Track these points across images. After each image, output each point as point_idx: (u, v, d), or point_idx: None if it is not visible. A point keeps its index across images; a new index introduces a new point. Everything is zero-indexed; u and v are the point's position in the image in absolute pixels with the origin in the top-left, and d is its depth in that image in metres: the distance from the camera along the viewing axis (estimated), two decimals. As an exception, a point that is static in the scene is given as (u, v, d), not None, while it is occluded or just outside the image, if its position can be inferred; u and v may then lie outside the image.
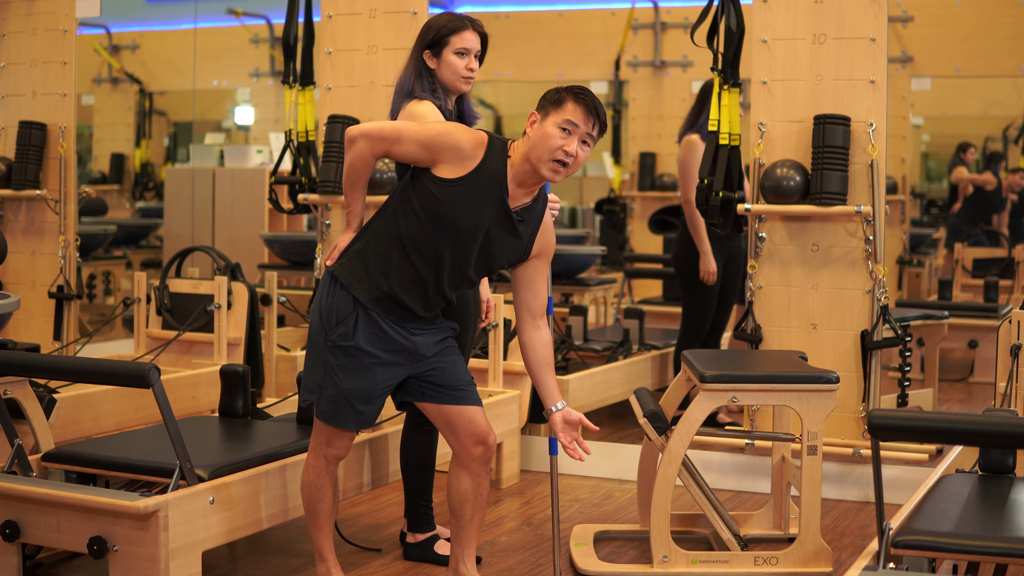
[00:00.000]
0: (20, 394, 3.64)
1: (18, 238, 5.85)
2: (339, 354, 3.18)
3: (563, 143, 3.08)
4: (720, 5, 4.66)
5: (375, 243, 3.19)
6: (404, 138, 3.14)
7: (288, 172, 5.60)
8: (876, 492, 2.71)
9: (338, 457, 3.33)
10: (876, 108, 4.53)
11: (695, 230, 5.45)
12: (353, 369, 3.19)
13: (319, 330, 3.22)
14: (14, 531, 3.22)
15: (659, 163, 9.01)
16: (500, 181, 3.14)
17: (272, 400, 4.89)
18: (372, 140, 3.17)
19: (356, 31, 5.28)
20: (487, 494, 3.35)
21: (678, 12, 8.82)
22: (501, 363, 4.77)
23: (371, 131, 3.18)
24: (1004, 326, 4.03)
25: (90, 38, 8.51)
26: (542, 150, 3.09)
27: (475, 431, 3.30)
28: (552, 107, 3.11)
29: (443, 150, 3.11)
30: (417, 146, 3.13)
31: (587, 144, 3.13)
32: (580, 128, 3.10)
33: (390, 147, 3.16)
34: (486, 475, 3.34)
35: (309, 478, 3.34)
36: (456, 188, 3.11)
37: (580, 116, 3.09)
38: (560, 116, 3.09)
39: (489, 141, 3.15)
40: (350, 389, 3.20)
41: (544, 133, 3.09)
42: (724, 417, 5.45)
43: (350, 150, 3.20)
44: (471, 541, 3.36)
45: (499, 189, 3.14)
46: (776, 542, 4.02)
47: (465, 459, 3.31)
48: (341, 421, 3.24)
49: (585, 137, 3.11)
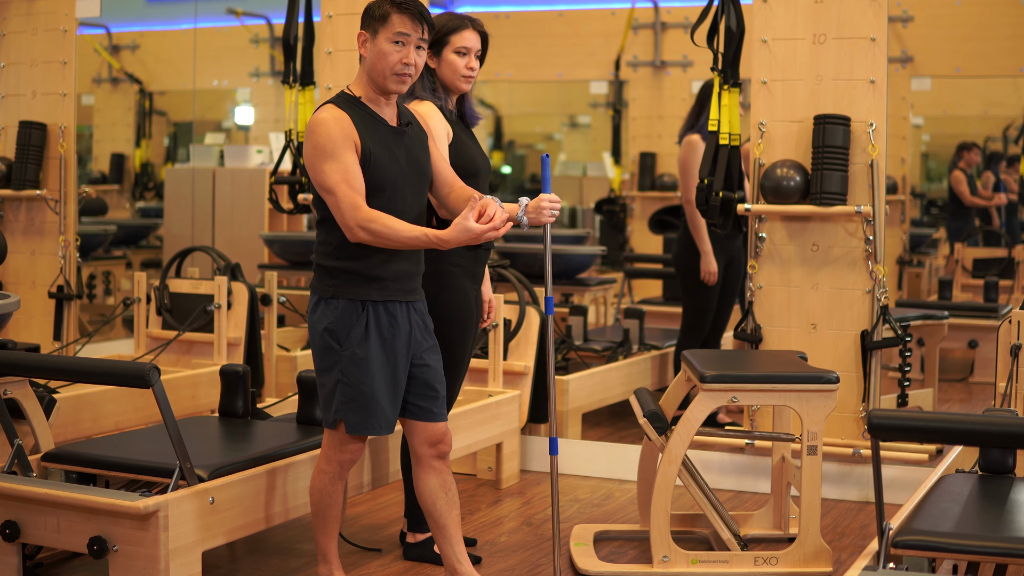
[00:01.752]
0: (20, 394, 3.64)
1: (18, 238, 5.85)
2: (359, 362, 3.18)
3: (400, 56, 3.18)
4: (720, 5, 4.66)
5: (342, 251, 3.18)
6: (342, 180, 3.10)
7: (288, 172, 5.60)
8: (876, 492, 2.71)
9: (352, 462, 3.33)
10: (876, 108, 4.53)
11: (696, 230, 5.45)
12: (376, 371, 3.19)
13: (328, 350, 3.21)
14: (14, 531, 3.22)
15: (659, 163, 9.00)
16: (371, 116, 3.21)
17: (272, 400, 4.90)
18: (359, 215, 3.10)
19: (356, 31, 5.25)
20: (455, 489, 3.36)
21: (678, 12, 8.82)
22: (501, 363, 4.77)
23: (354, 214, 3.10)
24: (1004, 326, 4.03)
25: (90, 38, 8.51)
26: (382, 67, 3.18)
27: (433, 433, 3.34)
28: (379, 24, 3.19)
29: (344, 145, 3.12)
30: (347, 166, 3.11)
31: (421, 48, 3.21)
32: (412, 36, 3.18)
33: (359, 197, 3.12)
34: (448, 470, 3.36)
35: (321, 484, 3.34)
36: (370, 155, 3.15)
37: (408, 25, 3.17)
38: (390, 31, 3.17)
39: (335, 104, 3.19)
40: (378, 392, 3.20)
41: (379, 51, 3.18)
42: (724, 417, 5.45)
43: (370, 238, 3.11)
44: (456, 538, 3.36)
45: (378, 123, 3.21)
46: (776, 542, 4.03)
47: (423, 458, 3.34)
48: (373, 428, 3.24)
49: (419, 43, 3.20)
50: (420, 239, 3.10)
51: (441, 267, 3.57)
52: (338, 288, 3.20)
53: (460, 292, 3.69)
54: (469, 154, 3.70)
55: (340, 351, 3.20)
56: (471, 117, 3.79)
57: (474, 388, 4.74)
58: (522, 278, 5.16)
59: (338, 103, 3.21)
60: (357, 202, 3.11)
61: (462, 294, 3.69)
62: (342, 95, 3.25)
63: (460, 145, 3.67)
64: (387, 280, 3.21)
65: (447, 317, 3.65)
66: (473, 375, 4.76)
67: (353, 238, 3.13)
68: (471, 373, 4.73)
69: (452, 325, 3.67)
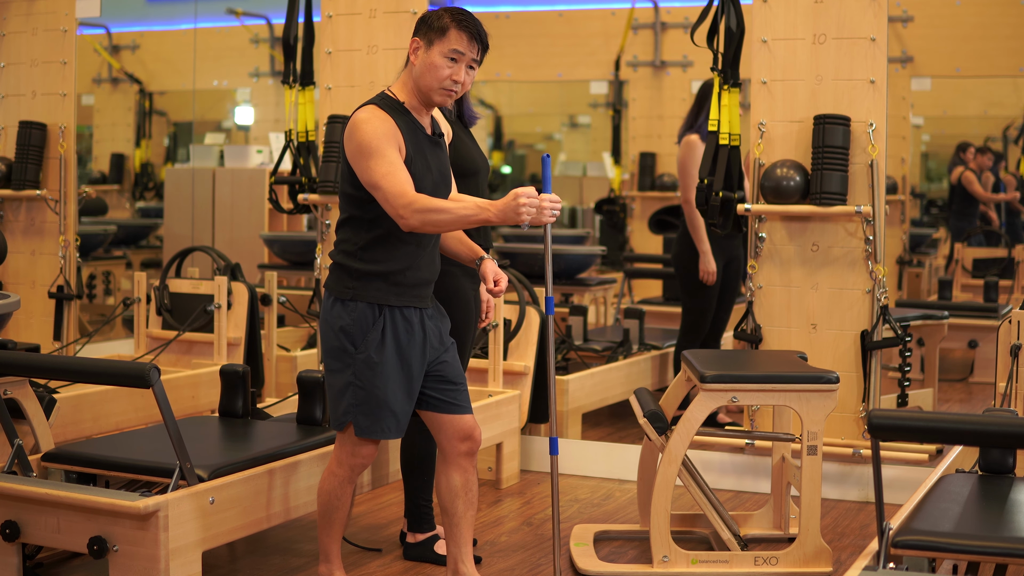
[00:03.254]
0: (20, 394, 3.64)
1: (18, 238, 5.85)
2: (374, 366, 3.17)
3: (451, 72, 3.16)
4: (720, 5, 4.66)
5: (367, 253, 3.18)
6: (388, 172, 3.08)
7: (288, 172, 5.60)
8: (876, 492, 2.71)
9: (364, 466, 3.32)
10: (876, 108, 4.53)
11: (695, 230, 5.45)
12: (389, 376, 3.18)
13: (341, 352, 3.20)
14: (14, 531, 3.22)
15: (659, 163, 9.01)
16: (414, 123, 3.21)
17: (272, 400, 4.90)
18: (407, 199, 3.06)
19: (356, 31, 5.28)
20: (476, 489, 3.35)
21: (678, 12, 8.82)
22: (501, 363, 4.77)
23: (403, 200, 3.06)
24: (1004, 326, 4.03)
25: (90, 38, 8.51)
26: (431, 80, 3.17)
27: (462, 427, 3.31)
28: (436, 35, 3.17)
29: (388, 143, 3.10)
30: (392, 160, 3.08)
31: (472, 68, 3.20)
32: (466, 55, 3.17)
33: (407, 186, 3.09)
34: (474, 470, 3.34)
35: (330, 487, 3.33)
36: (410, 159, 3.15)
37: (464, 44, 3.16)
38: (445, 46, 3.15)
39: (377, 106, 3.17)
40: (390, 397, 3.19)
41: (431, 63, 3.16)
42: (724, 417, 5.45)
43: (422, 220, 3.07)
44: (466, 539, 3.35)
45: (418, 130, 3.22)
46: (776, 542, 4.03)
47: (451, 455, 3.32)
48: (383, 432, 3.23)
49: (471, 63, 3.19)
50: (472, 210, 3.06)
51: (440, 267, 3.57)
52: (358, 290, 3.19)
53: (459, 292, 3.69)
54: (468, 154, 3.71)
55: (355, 354, 3.19)
56: (469, 117, 3.80)
57: (474, 388, 4.73)
58: (522, 278, 5.16)
59: (381, 105, 3.18)
60: (405, 189, 3.07)
61: (461, 294, 3.70)
62: (384, 97, 3.22)
63: (459, 145, 3.68)
64: (407, 286, 3.21)
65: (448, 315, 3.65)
66: (473, 375, 4.76)
67: (406, 226, 3.07)
68: (471, 373, 4.73)
69: (451, 325, 3.67)
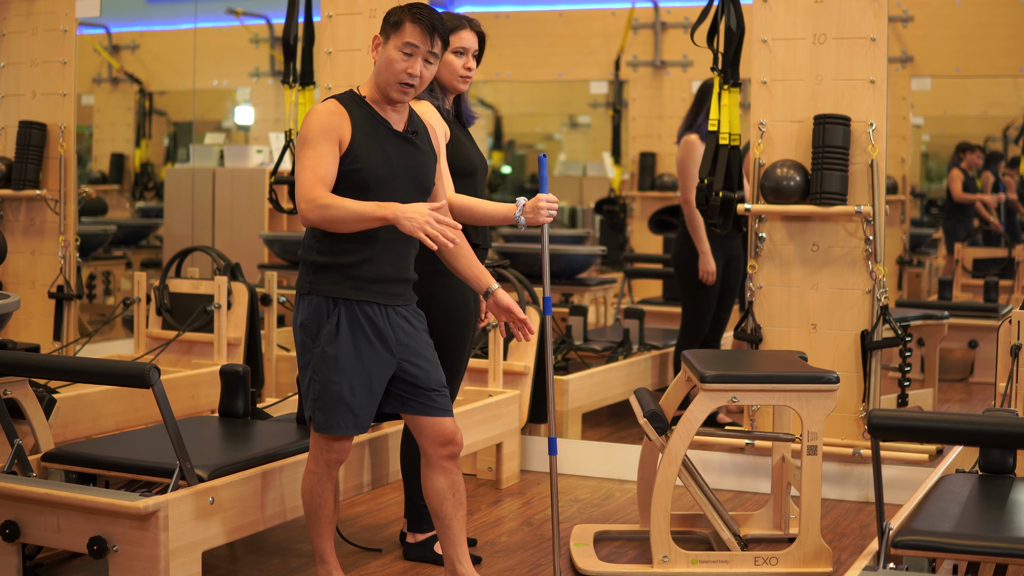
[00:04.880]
0: (20, 394, 3.64)
1: (18, 238, 5.85)
2: (328, 359, 3.17)
3: (406, 66, 3.14)
4: (720, 5, 4.66)
5: (322, 244, 3.17)
6: (309, 165, 3.08)
7: (288, 172, 5.60)
8: (876, 492, 2.71)
9: (339, 461, 3.32)
10: (876, 108, 4.53)
11: (694, 230, 5.45)
12: (344, 370, 3.17)
13: (303, 348, 3.22)
14: (14, 531, 3.22)
15: (659, 163, 9.01)
16: (371, 115, 3.18)
17: (272, 400, 4.90)
18: (311, 194, 3.06)
19: (356, 31, 5.28)
20: (463, 489, 3.34)
21: (678, 12, 8.82)
22: (501, 363, 4.77)
23: (306, 194, 3.06)
24: (1004, 326, 4.03)
25: (90, 38, 8.51)
26: (388, 75, 3.16)
27: (442, 432, 3.30)
28: (392, 30, 3.16)
29: (323, 136, 3.09)
30: (320, 155, 3.08)
31: (430, 63, 3.17)
32: (421, 48, 3.14)
33: (320, 183, 3.08)
34: (458, 471, 3.33)
35: (310, 484, 3.33)
36: (359, 151, 3.13)
37: (419, 37, 3.14)
38: (400, 39, 3.14)
39: (335, 99, 3.18)
40: (345, 392, 3.18)
41: (387, 58, 3.15)
42: (724, 417, 5.45)
43: (319, 215, 3.06)
44: (460, 539, 3.35)
45: (378, 123, 3.19)
46: (776, 542, 4.02)
47: (433, 458, 3.31)
48: (338, 427, 3.22)
49: (427, 56, 3.16)
50: (366, 211, 3.02)
51: (439, 267, 3.56)
52: (314, 284, 3.19)
53: (458, 292, 3.69)
54: (466, 154, 3.71)
55: (312, 348, 3.20)
56: (468, 117, 3.80)
57: (474, 388, 4.74)
58: (522, 278, 5.16)
59: (339, 98, 3.21)
60: (315, 185, 3.07)
61: (460, 294, 3.70)
62: (348, 92, 3.25)
63: (457, 145, 3.68)
64: (364, 281, 3.18)
65: (445, 316, 3.65)
66: (473, 375, 4.76)
67: (304, 220, 3.08)
68: (471, 373, 4.73)
69: (450, 325, 3.67)
